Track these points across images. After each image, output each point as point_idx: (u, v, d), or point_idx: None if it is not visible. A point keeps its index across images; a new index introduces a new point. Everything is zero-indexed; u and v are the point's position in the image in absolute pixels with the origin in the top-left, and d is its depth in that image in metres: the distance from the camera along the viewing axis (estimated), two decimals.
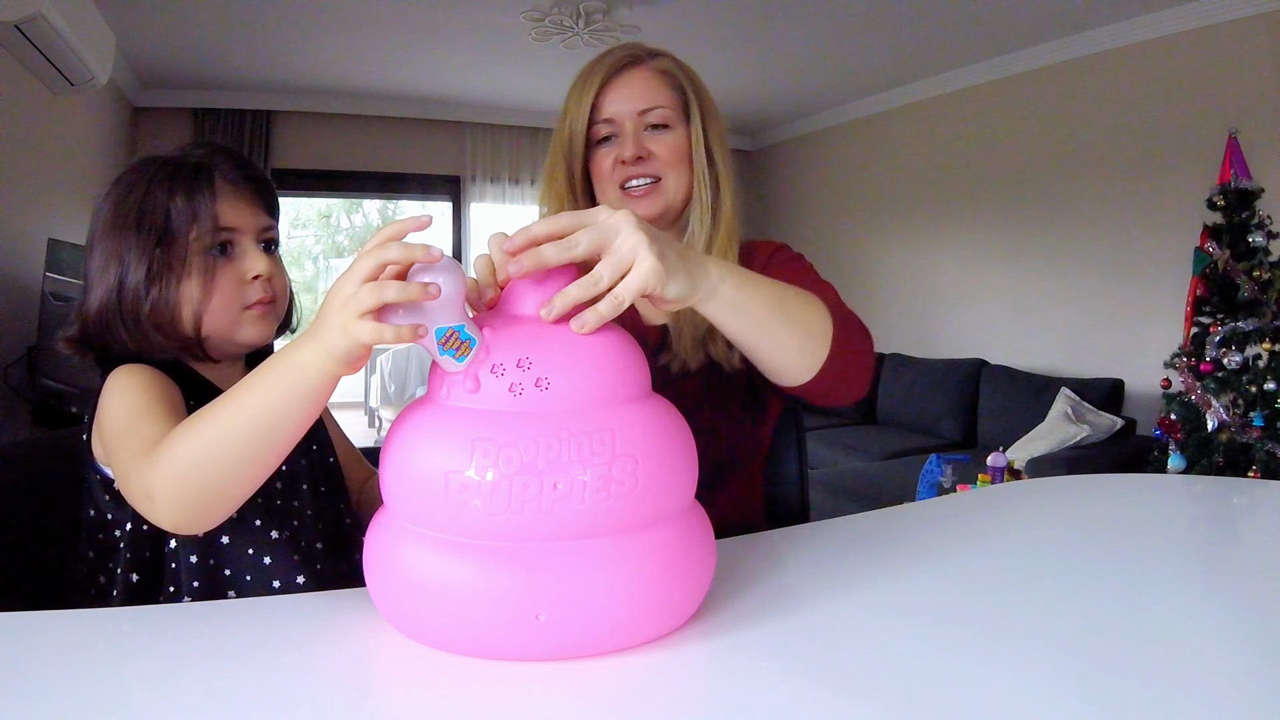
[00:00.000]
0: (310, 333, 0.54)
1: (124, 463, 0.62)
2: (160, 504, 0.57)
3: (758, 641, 0.55)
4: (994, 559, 0.76)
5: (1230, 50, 3.07)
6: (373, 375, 6.41)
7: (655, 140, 0.91)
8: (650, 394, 0.58)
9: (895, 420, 4.24)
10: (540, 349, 0.53)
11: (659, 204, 0.92)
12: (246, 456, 0.56)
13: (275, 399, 0.55)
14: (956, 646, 0.54)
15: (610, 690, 0.49)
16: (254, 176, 0.78)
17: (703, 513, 0.60)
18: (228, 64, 4.08)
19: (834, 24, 3.54)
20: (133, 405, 0.66)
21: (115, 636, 0.58)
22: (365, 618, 0.60)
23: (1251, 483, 1.21)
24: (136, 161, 0.76)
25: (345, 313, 0.51)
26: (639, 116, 0.91)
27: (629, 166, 0.91)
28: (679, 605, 0.55)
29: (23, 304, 2.78)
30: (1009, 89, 3.99)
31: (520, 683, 0.49)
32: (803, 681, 0.49)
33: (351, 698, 0.48)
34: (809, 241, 5.35)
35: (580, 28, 3.40)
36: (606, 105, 0.91)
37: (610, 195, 0.93)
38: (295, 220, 8.67)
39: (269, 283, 0.78)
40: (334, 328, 0.52)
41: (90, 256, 0.74)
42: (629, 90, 0.91)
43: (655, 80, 0.92)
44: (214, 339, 0.76)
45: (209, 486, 0.56)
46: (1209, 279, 2.66)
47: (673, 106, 0.92)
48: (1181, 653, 0.54)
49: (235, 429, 0.55)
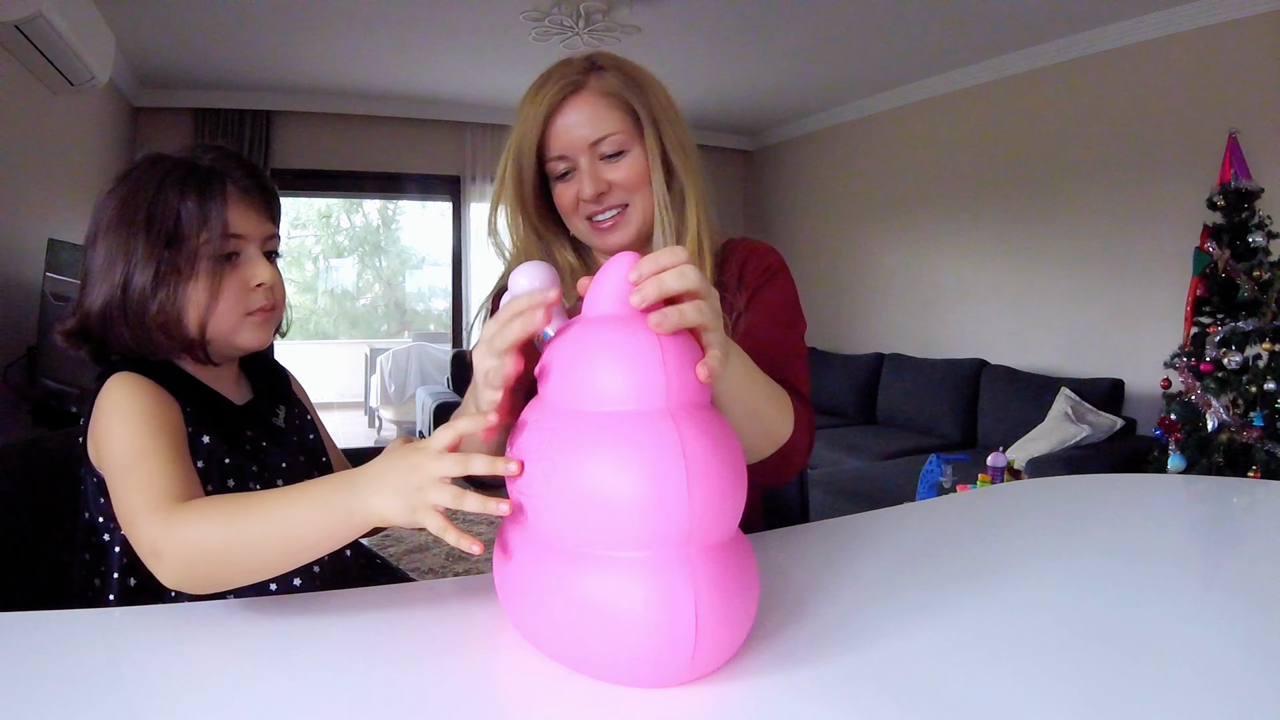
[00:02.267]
0: (374, 485, 0.56)
1: (130, 505, 0.62)
2: (166, 567, 0.58)
3: (757, 641, 0.55)
4: (994, 559, 0.76)
5: (1230, 50, 3.07)
6: (373, 375, 6.41)
7: (612, 169, 0.88)
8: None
9: (895, 420, 4.24)
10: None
11: (630, 231, 0.90)
12: (272, 566, 0.58)
13: (316, 531, 0.57)
14: (956, 646, 0.54)
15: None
16: (263, 185, 0.78)
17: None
18: (228, 64, 4.08)
19: (834, 24, 3.54)
20: (137, 437, 0.66)
21: (115, 636, 0.58)
22: (365, 617, 0.60)
23: (1251, 483, 1.21)
24: (144, 158, 0.76)
25: (419, 497, 0.54)
26: (591, 149, 0.87)
27: (591, 203, 0.88)
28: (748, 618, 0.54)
29: (23, 304, 2.78)
30: (1009, 89, 3.99)
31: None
32: (802, 680, 0.49)
33: (351, 697, 0.48)
34: (809, 241, 5.35)
35: (580, 28, 3.40)
36: (555, 141, 0.87)
37: (578, 227, 0.91)
38: (295, 220, 8.67)
39: (271, 291, 0.78)
40: (401, 506, 0.54)
41: (93, 250, 0.74)
42: (577, 120, 0.86)
43: (601, 106, 0.86)
44: (214, 343, 0.76)
45: (224, 576, 0.59)
46: (1209, 279, 2.66)
47: (624, 130, 0.87)
48: (1181, 652, 0.54)
49: (270, 542, 0.57)
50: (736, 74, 4.33)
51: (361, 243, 9.28)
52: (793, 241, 5.48)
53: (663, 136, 0.88)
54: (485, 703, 0.48)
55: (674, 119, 0.90)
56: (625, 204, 0.89)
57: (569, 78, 0.87)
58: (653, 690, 0.49)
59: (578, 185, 0.88)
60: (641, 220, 0.90)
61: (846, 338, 4.97)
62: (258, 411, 0.83)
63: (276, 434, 0.83)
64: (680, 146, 0.90)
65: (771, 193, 5.85)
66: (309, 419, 0.90)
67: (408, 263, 9.37)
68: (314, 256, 9.05)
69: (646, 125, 0.88)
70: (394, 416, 6.06)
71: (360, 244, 9.29)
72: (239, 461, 0.76)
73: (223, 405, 0.78)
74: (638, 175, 0.88)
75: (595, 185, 0.87)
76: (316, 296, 9.10)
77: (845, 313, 5.01)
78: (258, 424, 0.81)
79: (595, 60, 0.89)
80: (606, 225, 0.89)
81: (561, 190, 0.90)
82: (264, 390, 0.85)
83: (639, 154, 0.88)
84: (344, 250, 9.21)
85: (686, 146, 0.91)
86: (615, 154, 0.87)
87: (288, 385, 0.90)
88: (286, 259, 0.84)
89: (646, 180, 0.89)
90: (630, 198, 0.89)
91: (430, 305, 9.21)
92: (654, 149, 0.88)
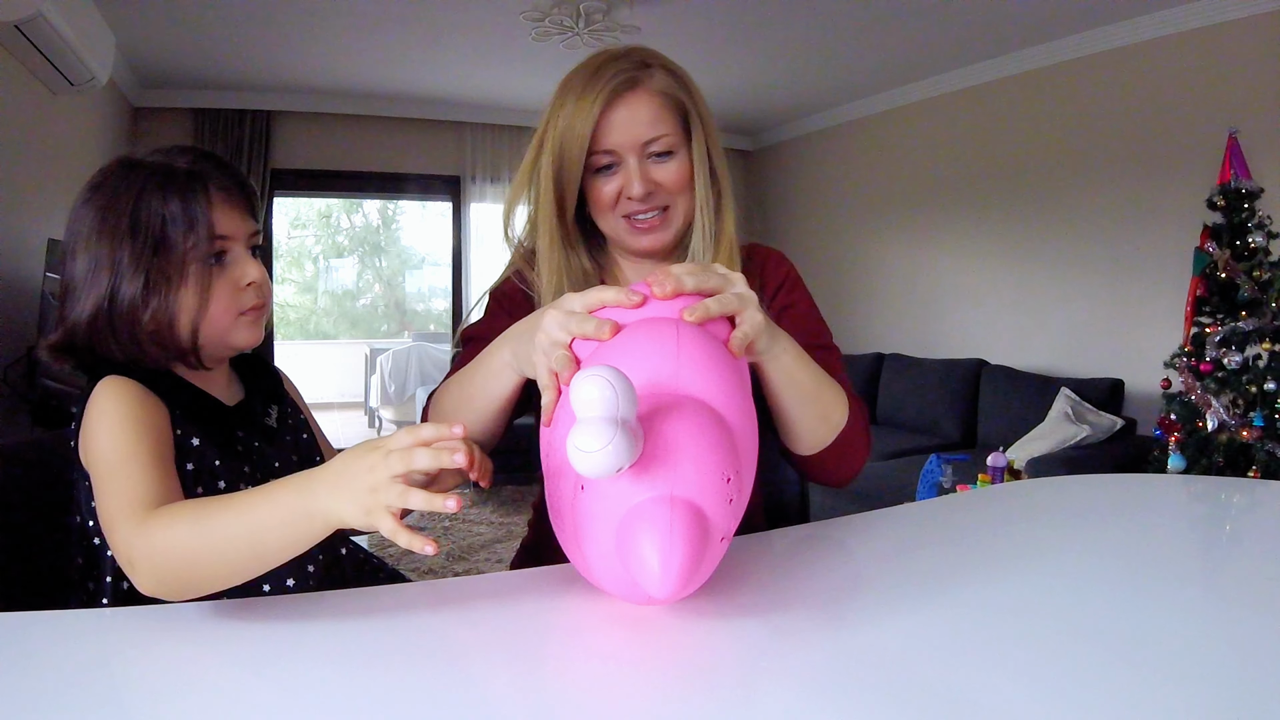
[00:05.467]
0: (330, 487, 0.57)
1: (109, 512, 0.63)
2: (140, 574, 0.59)
3: (757, 640, 0.55)
4: (993, 559, 0.76)
5: (1230, 50, 3.07)
6: (373, 375, 6.42)
7: (659, 169, 0.87)
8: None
9: (895, 420, 4.24)
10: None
11: (669, 233, 0.90)
12: (238, 571, 0.59)
13: (279, 536, 0.58)
14: (955, 646, 0.54)
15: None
16: (242, 183, 0.78)
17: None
18: (228, 64, 4.08)
19: (833, 24, 3.54)
20: (120, 443, 0.66)
21: (109, 637, 0.58)
22: (360, 618, 0.60)
23: (1251, 483, 1.21)
24: (114, 165, 0.75)
25: (372, 499, 0.55)
26: (642, 147, 0.85)
27: (636, 202, 0.87)
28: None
29: (23, 304, 2.78)
30: (1009, 89, 3.99)
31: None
32: (801, 679, 0.49)
33: (346, 698, 0.48)
34: (809, 241, 5.35)
35: (580, 28, 3.40)
36: (607, 135, 0.84)
37: (613, 224, 0.90)
38: (295, 220, 8.67)
39: (260, 289, 0.78)
40: (356, 507, 0.55)
41: (72, 261, 0.72)
42: (631, 119, 0.84)
43: (657, 105, 0.85)
44: (207, 346, 0.76)
45: (193, 582, 0.59)
46: (1209, 279, 2.66)
47: (675, 131, 0.86)
48: (1181, 652, 0.54)
49: (234, 546, 0.58)
50: (736, 74, 4.33)
51: (361, 243, 9.29)
52: (793, 241, 5.48)
53: (708, 140, 0.89)
54: (485, 704, 0.48)
55: (712, 122, 0.90)
56: (667, 206, 0.88)
57: (626, 72, 0.84)
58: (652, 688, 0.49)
59: (621, 181, 0.86)
60: (681, 223, 0.90)
61: (846, 338, 4.97)
62: (250, 412, 0.82)
63: (270, 434, 0.83)
64: (719, 150, 0.90)
65: (771, 193, 5.85)
66: (302, 418, 0.90)
67: (408, 263, 9.37)
68: (314, 256, 9.06)
69: (695, 128, 0.88)
70: (394, 416, 6.07)
71: (360, 244, 9.29)
72: (231, 463, 0.76)
73: (213, 407, 0.78)
74: (684, 178, 0.88)
75: (645, 185, 0.85)
76: (316, 296, 9.11)
77: (845, 313, 5.01)
78: (250, 424, 0.81)
79: (644, 58, 0.87)
80: (645, 226, 0.89)
81: (601, 184, 0.87)
82: (256, 390, 0.85)
83: (685, 156, 0.88)
84: (344, 250, 9.21)
85: (722, 151, 0.91)
86: (664, 154, 0.86)
87: (280, 385, 0.90)
88: (286, 259, 0.84)
89: (691, 183, 0.88)
90: (673, 200, 0.88)
91: (430, 305, 9.22)
92: (700, 152, 0.88)
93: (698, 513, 0.51)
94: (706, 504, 0.52)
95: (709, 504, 0.52)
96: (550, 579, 0.67)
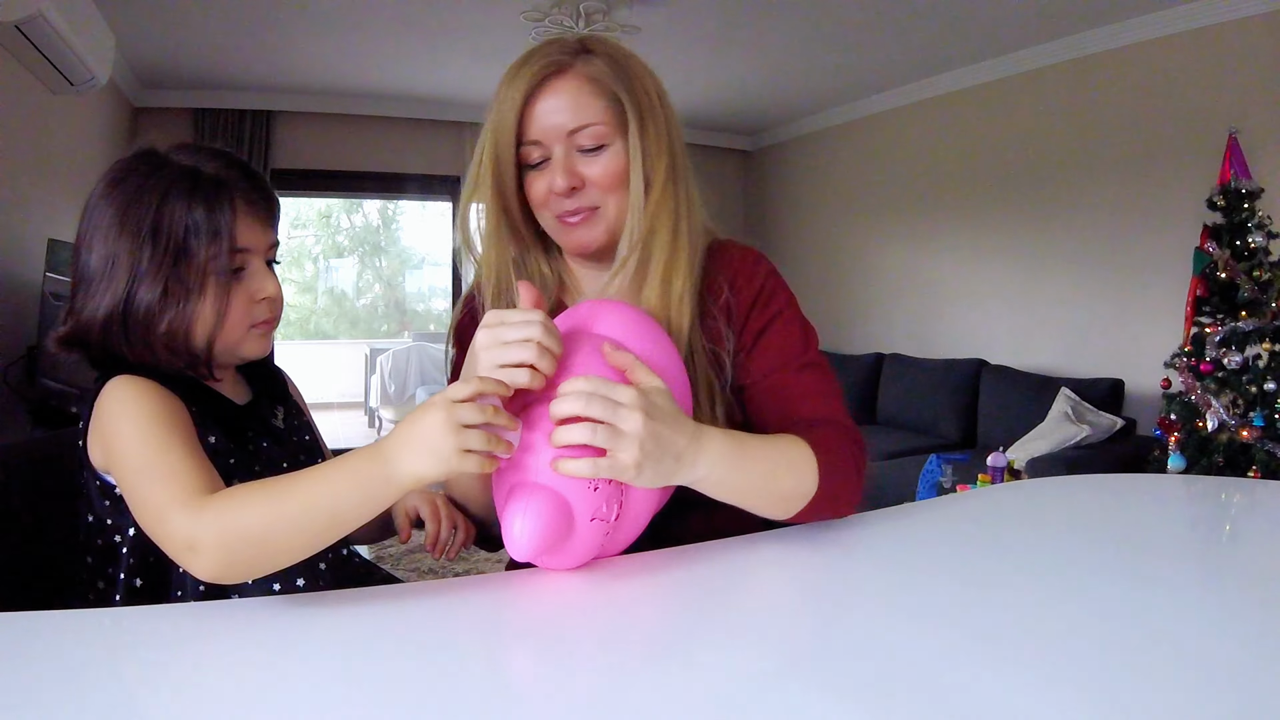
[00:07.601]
0: (404, 448, 0.60)
1: (155, 504, 0.62)
2: (204, 559, 0.59)
3: (757, 640, 0.55)
4: (993, 559, 0.76)
5: (1230, 50, 3.07)
6: (373, 375, 6.42)
7: (589, 163, 0.80)
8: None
9: (895, 420, 4.24)
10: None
11: (599, 230, 0.82)
12: (314, 542, 0.61)
13: (358, 504, 0.60)
14: (955, 646, 0.54)
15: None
16: (267, 194, 0.77)
17: None
18: (228, 64, 4.08)
19: (833, 24, 3.54)
20: (151, 436, 0.65)
21: (116, 636, 0.58)
22: (366, 617, 0.60)
23: (1251, 483, 1.21)
24: (138, 158, 0.73)
25: (447, 444, 0.58)
26: (569, 138, 0.79)
27: (562, 198, 0.80)
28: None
29: (23, 304, 2.78)
30: (1009, 89, 3.99)
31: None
32: (800, 679, 0.49)
33: (353, 696, 0.48)
34: (808, 242, 5.35)
35: (580, 28, 3.40)
36: (533, 124, 0.79)
37: (547, 221, 0.84)
38: (295, 220, 8.66)
39: (274, 303, 0.78)
40: (434, 461, 0.59)
41: (87, 253, 0.71)
42: (556, 105, 0.78)
43: (585, 91, 0.78)
44: (218, 356, 0.76)
45: (265, 559, 0.60)
46: (1209, 279, 2.66)
47: (607, 121, 0.79)
48: (1181, 652, 0.54)
49: (312, 518, 0.60)
50: (736, 74, 4.33)
51: (361, 243, 9.29)
52: (792, 242, 5.48)
53: (646, 134, 0.80)
54: (485, 703, 0.48)
55: (664, 116, 0.82)
56: (596, 206, 0.81)
57: (553, 57, 0.79)
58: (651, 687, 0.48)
59: (550, 176, 0.80)
60: (612, 222, 0.83)
61: (846, 338, 4.97)
62: (258, 412, 0.83)
63: (277, 434, 0.83)
64: (667, 147, 0.82)
65: (771, 193, 5.85)
66: (306, 420, 0.91)
67: (408, 263, 9.37)
68: (314, 256, 9.05)
69: (632, 120, 0.80)
70: (394, 416, 6.07)
71: (360, 244, 9.29)
72: (244, 461, 0.76)
73: (226, 405, 0.78)
74: (614, 174, 0.80)
75: (568, 178, 0.79)
76: (316, 296, 9.10)
77: (845, 313, 5.01)
78: (259, 424, 0.81)
79: (586, 43, 0.81)
80: (574, 221, 0.82)
81: (533, 180, 0.82)
82: (261, 391, 0.85)
83: (619, 150, 0.80)
84: (344, 250, 9.21)
85: (675, 147, 0.83)
86: (594, 148, 0.80)
87: (284, 386, 0.90)
88: (287, 259, 0.84)
89: (623, 180, 0.81)
90: (604, 199, 0.81)
91: (430, 305, 9.22)
92: (635, 147, 0.80)
93: (556, 496, 0.63)
94: (568, 490, 0.63)
95: (570, 490, 0.63)
96: (549, 579, 0.67)
